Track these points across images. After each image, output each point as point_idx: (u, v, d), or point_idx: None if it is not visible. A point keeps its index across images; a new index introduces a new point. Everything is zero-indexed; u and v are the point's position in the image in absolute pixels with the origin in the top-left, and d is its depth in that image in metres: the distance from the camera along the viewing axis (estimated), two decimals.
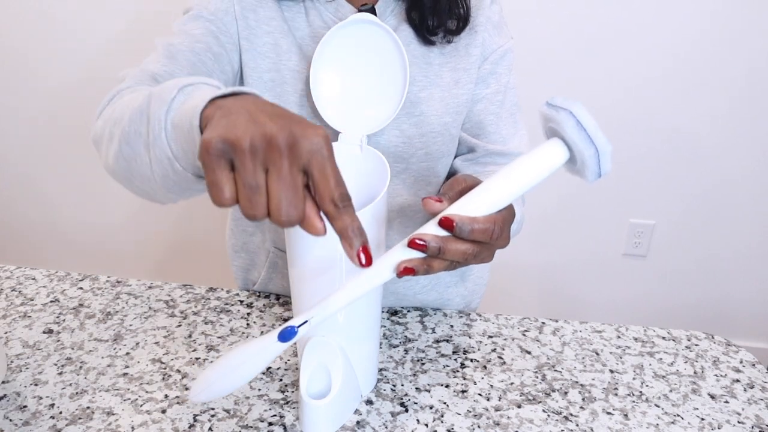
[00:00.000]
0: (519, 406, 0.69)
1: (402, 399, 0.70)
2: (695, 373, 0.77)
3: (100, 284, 0.90)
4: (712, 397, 0.73)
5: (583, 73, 1.66)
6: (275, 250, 0.88)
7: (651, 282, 1.90)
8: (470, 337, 0.81)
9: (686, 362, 0.79)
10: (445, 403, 0.69)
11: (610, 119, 1.69)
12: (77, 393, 0.69)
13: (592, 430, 0.67)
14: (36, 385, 0.70)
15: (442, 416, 0.67)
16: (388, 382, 0.72)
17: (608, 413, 0.69)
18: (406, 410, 0.68)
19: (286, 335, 0.49)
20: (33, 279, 0.91)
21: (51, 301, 0.86)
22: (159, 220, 1.93)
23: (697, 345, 0.83)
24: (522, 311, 0.99)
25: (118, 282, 0.91)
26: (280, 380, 0.72)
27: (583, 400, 0.71)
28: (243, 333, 0.80)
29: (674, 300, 1.92)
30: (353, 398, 0.68)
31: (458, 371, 0.75)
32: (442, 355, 0.77)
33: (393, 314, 0.86)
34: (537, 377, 0.74)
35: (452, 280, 0.92)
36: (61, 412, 0.66)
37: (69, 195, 1.95)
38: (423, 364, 0.76)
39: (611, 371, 0.76)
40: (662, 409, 0.70)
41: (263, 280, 0.90)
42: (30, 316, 0.82)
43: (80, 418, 0.65)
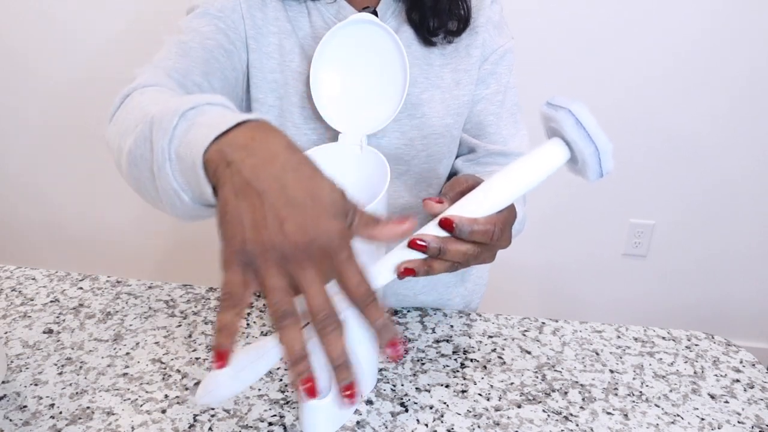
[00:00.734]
0: (519, 406, 0.69)
1: (402, 399, 0.70)
2: (695, 373, 0.77)
3: (100, 284, 0.90)
4: (712, 397, 0.73)
5: (584, 72, 1.66)
6: None
7: (651, 282, 1.90)
8: (470, 337, 0.81)
9: (686, 362, 0.79)
10: (445, 403, 0.69)
11: (610, 119, 1.69)
12: (77, 393, 0.69)
13: (592, 430, 0.67)
14: (36, 385, 0.70)
15: (442, 416, 0.67)
16: (388, 382, 0.72)
17: (608, 413, 0.69)
18: (406, 410, 0.68)
19: None
20: (33, 279, 0.91)
21: (51, 301, 0.86)
22: (159, 220, 1.93)
23: (697, 345, 0.83)
24: (522, 311, 0.99)
25: (118, 282, 0.91)
26: (280, 380, 0.72)
27: (583, 400, 0.71)
28: (243, 333, 0.80)
29: (674, 300, 1.92)
30: None
31: (458, 371, 0.75)
32: (442, 355, 0.77)
33: (393, 314, 0.86)
34: (537, 377, 0.74)
35: (452, 281, 0.92)
36: (61, 412, 0.66)
37: (69, 195, 1.95)
38: (423, 364, 0.76)
39: (611, 371, 0.76)
40: (662, 409, 0.70)
41: None
42: (30, 316, 0.82)
43: (80, 418, 0.65)
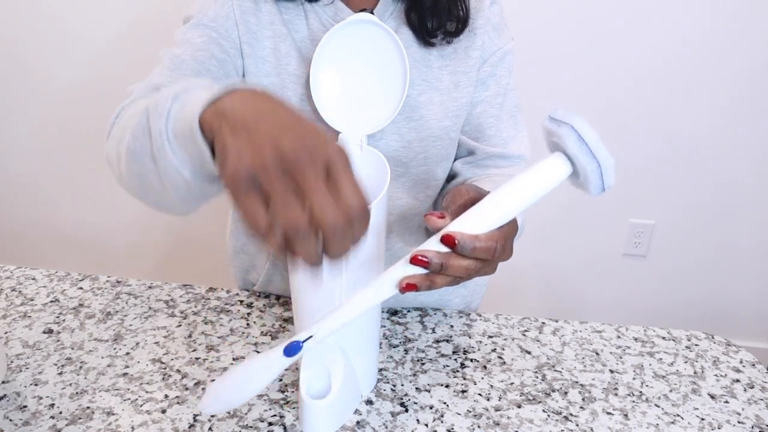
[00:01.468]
0: (519, 406, 0.69)
1: (402, 399, 0.70)
2: (695, 373, 0.77)
3: (100, 284, 0.90)
4: (712, 397, 0.73)
5: (584, 72, 1.66)
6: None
7: (651, 282, 1.90)
8: (470, 337, 0.81)
9: (686, 362, 0.79)
10: (445, 403, 0.69)
11: (610, 119, 1.69)
12: (77, 393, 0.69)
13: (592, 430, 0.67)
14: (36, 385, 0.70)
15: (442, 416, 0.67)
16: (388, 382, 0.72)
17: (608, 413, 0.69)
18: (406, 410, 0.68)
19: (291, 350, 0.49)
20: (33, 279, 0.91)
21: (51, 301, 0.86)
22: (159, 220, 1.93)
23: (697, 345, 0.83)
24: (522, 311, 0.99)
25: (118, 282, 0.91)
26: (280, 380, 0.72)
27: (583, 400, 0.71)
28: (243, 333, 0.80)
29: (674, 300, 1.92)
30: (353, 398, 0.68)
31: (458, 371, 0.75)
32: (442, 355, 0.77)
33: (393, 314, 0.86)
34: (537, 377, 0.74)
35: None
36: (61, 412, 0.66)
37: (69, 195, 1.95)
38: (423, 364, 0.76)
39: (611, 371, 0.76)
40: (662, 409, 0.70)
41: (263, 282, 0.90)
42: (30, 316, 0.82)
43: (80, 418, 0.65)
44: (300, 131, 0.41)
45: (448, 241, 0.50)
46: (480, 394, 0.71)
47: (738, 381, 0.76)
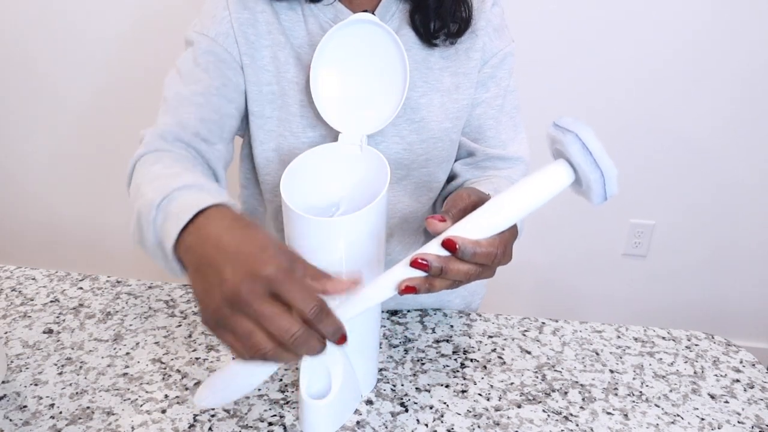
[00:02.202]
0: (519, 406, 0.69)
1: (402, 399, 0.70)
2: (695, 373, 0.77)
3: (100, 284, 0.90)
4: (712, 397, 0.73)
5: (584, 74, 1.66)
6: None
7: (651, 282, 1.90)
8: (470, 337, 0.81)
9: (686, 362, 0.79)
10: (445, 403, 0.69)
11: (611, 120, 1.69)
12: (77, 393, 0.69)
13: (592, 430, 0.67)
14: (36, 385, 0.70)
15: (442, 416, 0.67)
16: (388, 382, 0.72)
17: (608, 413, 0.69)
18: (406, 410, 0.68)
19: None
20: (33, 279, 0.91)
21: (51, 301, 0.86)
22: None
23: (697, 345, 0.83)
24: (522, 311, 0.99)
25: (118, 282, 0.91)
26: (280, 380, 0.72)
27: (583, 400, 0.71)
28: None
29: (674, 300, 1.92)
30: (353, 398, 0.68)
31: (458, 371, 0.75)
32: (442, 355, 0.78)
33: (393, 314, 0.86)
34: (537, 377, 0.74)
35: None
36: (61, 412, 0.66)
37: (69, 195, 1.95)
38: (423, 364, 0.76)
39: (611, 371, 0.76)
40: (662, 409, 0.71)
41: None
42: (30, 316, 0.82)
43: (80, 418, 0.65)
44: (240, 260, 0.45)
45: (449, 245, 0.50)
46: (480, 394, 0.71)
47: (738, 381, 0.76)
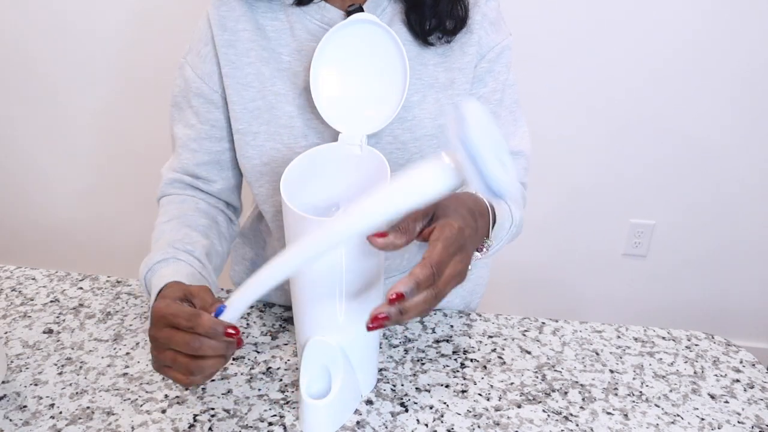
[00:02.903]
0: (519, 406, 0.69)
1: (402, 399, 0.70)
2: (695, 373, 0.77)
3: (100, 284, 0.90)
4: (712, 397, 0.73)
5: (584, 73, 1.66)
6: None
7: (651, 282, 1.90)
8: (470, 337, 0.81)
9: (686, 362, 0.79)
10: (445, 403, 0.69)
11: (611, 120, 1.69)
12: (77, 393, 0.69)
13: (592, 430, 0.67)
14: (36, 385, 0.70)
15: (442, 416, 0.67)
16: (388, 382, 0.72)
17: (608, 413, 0.69)
18: (406, 410, 0.68)
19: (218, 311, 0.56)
20: (33, 279, 0.91)
21: (51, 301, 0.86)
22: None
23: (697, 345, 0.83)
24: (522, 311, 0.98)
25: (118, 282, 0.91)
26: (280, 380, 0.72)
27: (583, 400, 0.71)
28: (243, 333, 0.80)
29: (674, 300, 1.92)
30: (353, 398, 0.68)
31: (458, 371, 0.75)
32: (442, 355, 0.77)
33: None
34: (537, 377, 0.74)
35: None
36: (61, 412, 0.66)
37: (69, 195, 1.95)
38: (423, 364, 0.76)
39: (611, 371, 0.76)
40: (662, 409, 0.71)
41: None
42: (30, 316, 0.82)
43: (80, 418, 0.65)
44: (155, 321, 0.57)
45: (396, 299, 0.52)
46: (480, 394, 0.71)
47: (738, 381, 0.76)
